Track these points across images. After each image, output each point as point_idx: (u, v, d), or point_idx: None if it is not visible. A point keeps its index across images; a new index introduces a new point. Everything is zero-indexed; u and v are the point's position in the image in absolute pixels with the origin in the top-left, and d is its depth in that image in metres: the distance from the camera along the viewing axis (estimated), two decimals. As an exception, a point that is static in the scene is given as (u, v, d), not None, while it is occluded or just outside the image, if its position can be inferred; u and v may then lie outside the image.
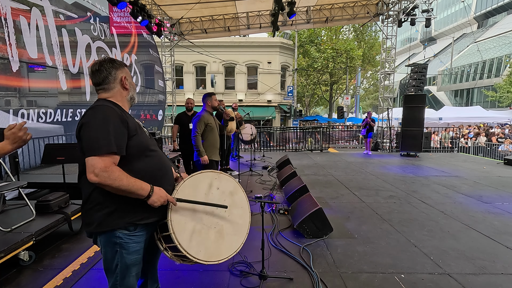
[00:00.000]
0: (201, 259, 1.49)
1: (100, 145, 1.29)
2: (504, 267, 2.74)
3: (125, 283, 1.48)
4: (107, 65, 1.50)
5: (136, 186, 1.34)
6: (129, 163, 1.40)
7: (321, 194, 5.13)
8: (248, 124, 7.74)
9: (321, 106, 39.57)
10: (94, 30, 7.16)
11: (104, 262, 1.48)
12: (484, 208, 4.43)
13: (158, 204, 1.40)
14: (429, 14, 10.73)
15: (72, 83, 6.53)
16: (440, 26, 42.73)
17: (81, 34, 6.65)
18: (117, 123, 1.36)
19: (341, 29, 23.84)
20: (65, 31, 6.13)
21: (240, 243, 1.69)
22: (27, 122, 5.27)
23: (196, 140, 3.81)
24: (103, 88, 1.51)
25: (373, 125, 10.11)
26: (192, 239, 1.49)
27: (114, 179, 1.28)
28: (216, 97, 4.04)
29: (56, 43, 5.88)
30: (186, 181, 1.54)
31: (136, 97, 1.66)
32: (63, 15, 6.09)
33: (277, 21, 9.44)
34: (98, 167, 1.26)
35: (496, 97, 24.79)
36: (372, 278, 2.55)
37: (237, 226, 1.69)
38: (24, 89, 5.45)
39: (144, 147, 1.48)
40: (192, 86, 20.77)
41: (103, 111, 1.37)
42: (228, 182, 1.72)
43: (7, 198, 3.81)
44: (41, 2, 5.45)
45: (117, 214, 1.40)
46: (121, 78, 1.53)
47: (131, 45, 9.14)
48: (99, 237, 1.44)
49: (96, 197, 1.39)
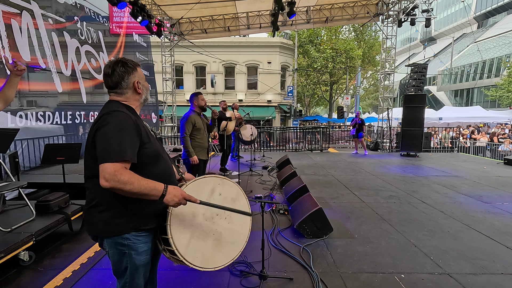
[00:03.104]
0: (197, 265, 1.49)
1: (114, 153, 1.30)
2: (504, 267, 2.74)
3: (134, 285, 1.48)
4: (119, 70, 1.48)
5: (149, 187, 1.33)
6: (141, 169, 1.40)
7: (321, 194, 5.13)
8: (248, 124, 7.74)
9: (321, 106, 39.58)
10: (81, 33, 7.12)
11: (113, 265, 1.47)
12: (484, 208, 4.43)
13: (174, 203, 1.38)
14: (429, 14, 10.73)
15: (67, 86, 6.52)
16: (440, 26, 42.74)
17: (69, 37, 6.63)
18: (131, 131, 1.37)
19: (340, 29, 23.85)
20: (55, 34, 6.12)
21: (237, 252, 1.68)
22: (28, 122, 5.32)
23: (185, 141, 3.87)
24: (115, 92, 1.51)
25: (364, 127, 10.15)
26: (190, 245, 1.49)
27: (125, 182, 1.27)
28: (203, 97, 4.05)
29: (48, 46, 5.86)
30: (189, 185, 1.53)
31: (149, 97, 1.65)
32: (51, 19, 6.08)
33: (277, 21, 9.44)
34: (108, 172, 1.27)
35: (496, 97, 24.79)
36: (372, 278, 2.55)
37: (236, 234, 1.67)
38: (23, 91, 5.48)
39: (157, 154, 1.50)
40: (192, 86, 20.77)
41: (118, 118, 1.37)
42: (231, 188, 1.70)
43: (7, 198, 3.81)
44: (31, 6, 5.45)
45: (124, 219, 1.40)
46: (133, 83, 1.52)
47: (118, 47, 9.01)
48: (105, 240, 1.44)
49: (101, 201, 1.39)
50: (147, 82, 1.62)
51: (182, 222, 1.48)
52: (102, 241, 1.45)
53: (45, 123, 5.75)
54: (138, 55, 10.31)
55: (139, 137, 1.41)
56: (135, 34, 9.94)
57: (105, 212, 1.39)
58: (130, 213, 1.40)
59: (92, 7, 7.56)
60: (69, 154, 3.86)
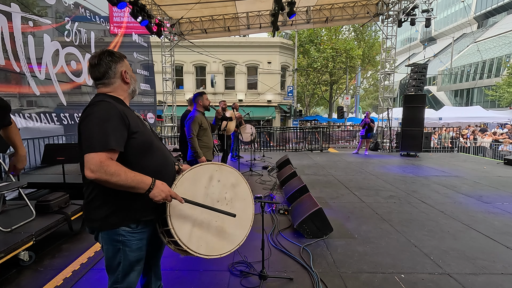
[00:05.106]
0: (202, 254, 1.48)
1: (97, 142, 1.26)
2: (504, 267, 2.74)
3: (126, 281, 1.48)
4: (106, 59, 1.45)
5: (136, 180, 1.31)
6: (134, 160, 1.39)
7: (321, 194, 5.13)
8: (248, 124, 7.74)
9: (321, 106, 39.57)
10: (68, 35, 6.97)
11: (106, 260, 1.47)
12: (484, 208, 4.43)
13: (159, 199, 1.36)
14: (429, 14, 10.73)
15: (44, 89, 6.36)
16: (440, 26, 42.74)
17: (49, 40, 6.44)
18: (115, 119, 1.34)
19: (340, 29, 23.85)
20: (31, 37, 5.96)
21: (242, 236, 1.65)
22: (27, 123, 5.32)
23: (193, 142, 3.71)
24: (103, 83, 1.48)
25: (373, 126, 10.10)
26: (193, 233, 1.48)
27: (111, 174, 1.24)
28: (207, 96, 3.93)
29: (21, 50, 5.73)
30: (186, 174, 1.51)
31: (137, 89, 1.64)
32: (32, 21, 5.93)
33: (277, 21, 9.44)
34: (93, 163, 1.23)
35: (496, 97, 24.78)
36: (372, 278, 2.55)
37: (239, 219, 1.64)
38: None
39: (149, 143, 1.47)
40: (192, 86, 20.76)
41: (101, 107, 1.35)
42: (230, 173, 1.68)
43: (7, 198, 3.81)
44: (10, 9, 5.35)
45: (119, 212, 1.40)
46: (121, 72, 1.50)
47: (111, 47, 8.89)
48: (101, 234, 1.44)
49: (97, 195, 1.38)
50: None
51: (182, 212, 1.47)
52: (98, 235, 1.46)
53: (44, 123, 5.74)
54: (136, 55, 10.31)
55: (126, 126, 1.37)
56: (135, 34, 9.92)
57: (101, 207, 1.39)
58: (126, 206, 1.40)
59: (92, 7, 7.55)
60: (69, 154, 3.86)
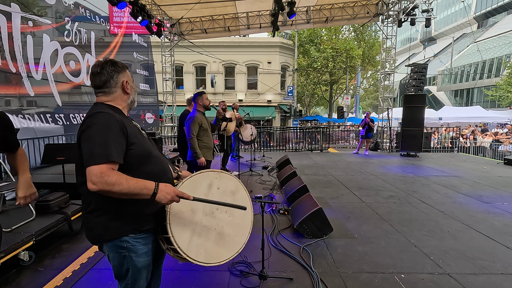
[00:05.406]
0: (201, 261, 1.48)
1: (98, 155, 1.27)
2: (504, 267, 2.74)
3: (136, 287, 1.47)
4: (109, 69, 1.46)
5: (139, 186, 1.30)
6: (133, 168, 1.39)
7: (321, 194, 5.13)
8: (248, 124, 7.74)
9: (321, 106, 39.56)
10: (68, 35, 6.94)
11: (114, 268, 1.46)
12: (484, 208, 4.43)
13: (166, 201, 1.36)
14: (429, 14, 10.73)
15: (39, 89, 6.33)
16: (440, 26, 42.73)
17: (49, 40, 6.42)
18: (116, 131, 1.34)
19: (340, 29, 23.85)
20: (30, 37, 5.94)
21: (241, 244, 1.66)
22: (27, 123, 5.31)
23: (193, 142, 3.70)
24: (103, 92, 1.48)
25: (373, 126, 10.11)
26: (192, 241, 1.48)
27: (113, 183, 1.25)
28: (207, 96, 3.91)
29: (19, 50, 5.72)
30: (186, 182, 1.51)
31: (136, 99, 1.64)
32: (32, 21, 5.91)
33: (277, 21, 9.44)
34: (94, 174, 1.24)
35: (496, 97, 24.78)
36: (372, 278, 2.55)
37: (238, 226, 1.66)
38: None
39: (147, 154, 1.46)
40: (192, 86, 20.76)
41: (102, 119, 1.34)
42: (229, 181, 1.69)
43: (7, 198, 3.81)
44: (10, 9, 5.33)
45: (121, 222, 1.39)
46: (122, 82, 1.50)
47: (111, 47, 8.89)
48: (105, 244, 1.43)
49: (97, 206, 1.38)
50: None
51: (182, 220, 1.47)
52: (102, 245, 1.45)
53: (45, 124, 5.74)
54: (136, 55, 10.29)
55: (125, 137, 1.37)
56: (135, 34, 9.91)
57: (102, 217, 1.38)
58: (127, 216, 1.39)
59: (92, 7, 7.55)
60: (69, 154, 3.86)
